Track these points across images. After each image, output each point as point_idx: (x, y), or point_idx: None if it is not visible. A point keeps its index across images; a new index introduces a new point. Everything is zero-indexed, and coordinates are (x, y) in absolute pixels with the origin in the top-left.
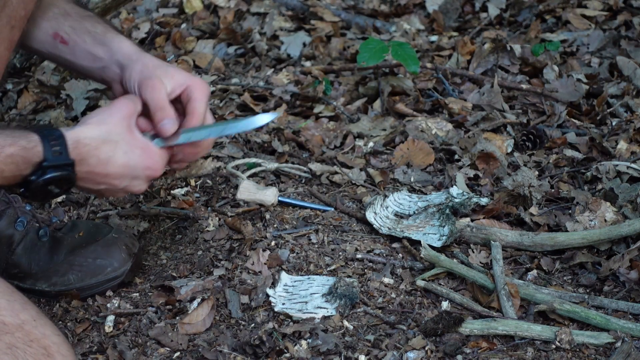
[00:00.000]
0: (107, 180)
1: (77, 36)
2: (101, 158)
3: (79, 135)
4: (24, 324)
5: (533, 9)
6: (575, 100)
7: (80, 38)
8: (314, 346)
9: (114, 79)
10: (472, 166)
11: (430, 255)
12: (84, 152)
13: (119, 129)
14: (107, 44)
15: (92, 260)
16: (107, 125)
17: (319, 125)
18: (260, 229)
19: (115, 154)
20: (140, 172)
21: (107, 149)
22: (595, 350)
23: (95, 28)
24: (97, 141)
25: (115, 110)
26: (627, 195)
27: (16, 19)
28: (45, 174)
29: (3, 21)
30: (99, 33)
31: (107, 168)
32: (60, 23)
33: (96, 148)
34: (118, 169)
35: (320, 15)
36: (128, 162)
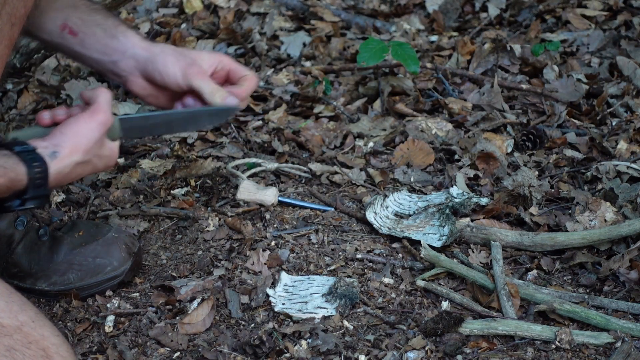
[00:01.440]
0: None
1: (87, 28)
2: (72, 176)
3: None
4: (22, 325)
5: (533, 9)
6: (575, 100)
7: (90, 30)
8: (314, 346)
9: (130, 72)
10: (472, 166)
11: (430, 255)
12: (60, 178)
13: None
14: (118, 37)
15: (91, 259)
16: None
17: (319, 125)
18: (260, 229)
19: (87, 169)
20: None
21: (80, 170)
22: (595, 350)
23: (106, 21)
24: (74, 166)
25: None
26: (627, 195)
27: (16, 16)
28: (24, 204)
29: (3, 19)
30: (110, 26)
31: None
32: (69, 14)
33: (71, 171)
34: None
35: (320, 15)
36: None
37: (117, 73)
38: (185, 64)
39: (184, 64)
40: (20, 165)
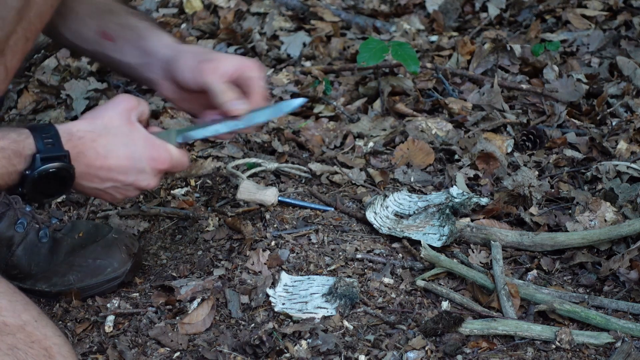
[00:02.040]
0: (112, 175)
1: (123, 33)
2: (99, 151)
3: (71, 128)
4: (25, 324)
5: (533, 9)
6: (575, 100)
7: (126, 34)
8: (314, 346)
9: (159, 75)
10: (472, 166)
11: (430, 255)
12: (79, 145)
13: (116, 122)
14: (149, 39)
15: (92, 260)
16: (101, 119)
17: (319, 125)
18: (260, 229)
19: (115, 146)
20: (145, 164)
21: (104, 142)
22: (595, 350)
23: (139, 23)
24: (93, 134)
25: (111, 105)
26: (627, 195)
27: (32, 31)
28: (40, 166)
29: (19, 34)
30: (142, 28)
31: (108, 161)
32: (107, 20)
33: (93, 140)
34: (121, 162)
35: (320, 15)
36: (130, 153)
37: (149, 78)
38: (199, 61)
39: (198, 60)
40: (23, 128)
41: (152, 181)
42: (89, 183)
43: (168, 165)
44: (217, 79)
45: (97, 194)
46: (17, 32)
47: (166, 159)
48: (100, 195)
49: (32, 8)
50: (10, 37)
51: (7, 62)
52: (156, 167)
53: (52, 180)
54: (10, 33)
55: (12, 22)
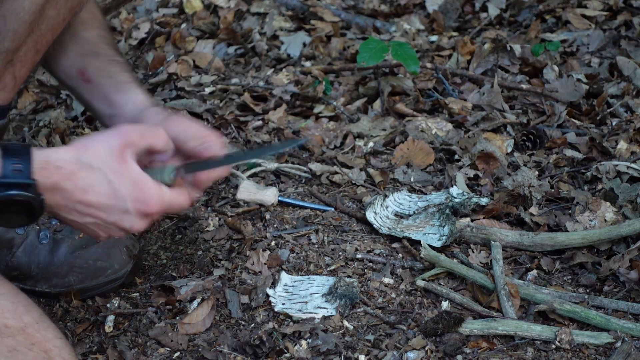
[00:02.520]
0: (91, 211)
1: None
2: (78, 184)
3: (50, 155)
4: (26, 326)
5: (533, 9)
6: (575, 100)
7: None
8: (314, 346)
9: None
10: (472, 166)
11: (430, 255)
12: (55, 175)
13: (104, 156)
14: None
15: (92, 262)
16: (88, 151)
17: (319, 125)
18: (260, 229)
19: (97, 181)
20: (129, 205)
21: (85, 175)
22: (595, 350)
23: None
24: (74, 166)
25: (104, 137)
26: (627, 195)
27: (42, 43)
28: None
29: (29, 45)
30: (121, 82)
31: (88, 197)
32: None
33: (72, 173)
34: (101, 199)
35: (320, 15)
36: (113, 192)
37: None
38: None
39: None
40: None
41: (137, 224)
42: (67, 215)
43: (157, 208)
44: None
45: (79, 227)
46: (27, 43)
47: (155, 203)
48: (82, 230)
49: (44, 21)
50: (20, 49)
51: (15, 72)
52: (142, 209)
53: (14, 207)
54: (21, 44)
55: (23, 34)
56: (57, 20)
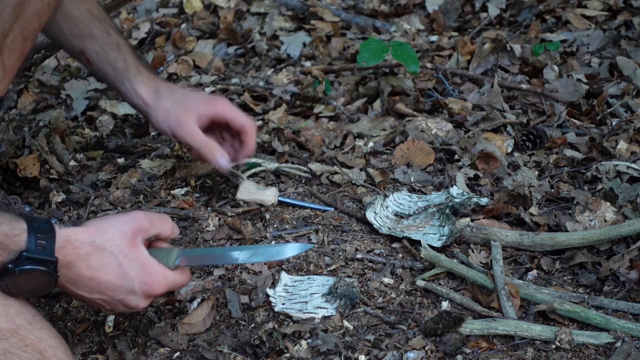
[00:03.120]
0: (101, 289)
1: (101, 64)
2: (92, 265)
3: (70, 235)
4: (19, 328)
5: (533, 9)
6: (575, 100)
7: (103, 67)
8: (314, 346)
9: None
10: (472, 166)
11: (430, 255)
12: (73, 255)
13: (117, 241)
14: (125, 83)
15: None
16: (104, 235)
17: (319, 125)
18: (260, 229)
19: (108, 263)
20: (136, 286)
21: (98, 257)
22: (595, 350)
23: (117, 62)
24: (90, 247)
25: (119, 222)
26: (627, 195)
27: (29, 30)
28: (23, 264)
29: (16, 32)
30: (120, 70)
31: (98, 276)
32: (87, 44)
33: (87, 254)
34: (111, 279)
35: (320, 15)
36: (122, 273)
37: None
38: (175, 123)
39: (173, 121)
40: (21, 221)
41: (141, 303)
42: (77, 290)
43: (161, 290)
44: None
45: (85, 300)
46: (14, 30)
47: (159, 285)
48: (88, 303)
49: (28, 6)
50: (8, 35)
51: (5, 61)
52: (147, 291)
53: (32, 280)
54: (7, 31)
55: (9, 19)
56: (42, 5)
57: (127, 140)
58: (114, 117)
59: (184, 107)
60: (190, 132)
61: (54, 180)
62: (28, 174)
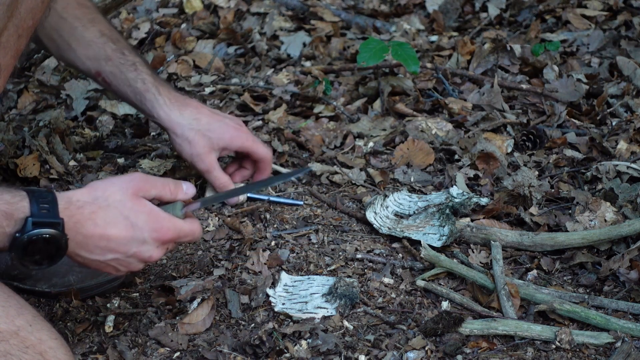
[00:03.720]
0: (112, 246)
1: (119, 85)
2: (98, 222)
3: (71, 197)
4: (19, 330)
5: (533, 9)
6: (575, 100)
7: (122, 88)
8: (314, 346)
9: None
10: (472, 166)
11: (430, 255)
12: (77, 215)
13: (119, 197)
14: (145, 103)
15: None
16: (106, 192)
17: (319, 125)
18: (260, 229)
19: (115, 217)
20: (146, 235)
21: (103, 214)
22: (595, 350)
23: (136, 83)
24: (93, 205)
25: (118, 181)
26: (627, 195)
27: (23, 28)
28: (31, 230)
29: (10, 30)
30: (139, 90)
31: (108, 232)
32: (103, 66)
33: (92, 212)
34: (120, 232)
35: (320, 15)
36: (131, 225)
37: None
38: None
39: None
40: (20, 191)
41: (155, 252)
42: (89, 254)
43: (172, 235)
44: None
45: (99, 266)
46: (8, 28)
47: (169, 230)
48: (103, 268)
49: (22, 4)
50: (2, 34)
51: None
52: (159, 238)
53: (42, 246)
54: (2, 30)
55: (2, 17)
56: (36, 2)
57: (127, 140)
58: (114, 117)
59: (208, 141)
60: (209, 169)
61: (54, 180)
62: (28, 174)
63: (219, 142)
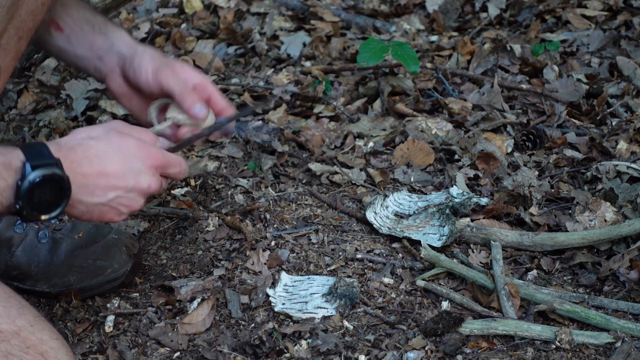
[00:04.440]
0: (111, 182)
1: (75, 24)
2: (92, 160)
3: (59, 142)
4: (20, 330)
5: (533, 9)
6: (575, 100)
7: (78, 26)
8: (314, 346)
9: (112, 69)
10: (472, 166)
11: (430, 255)
12: (71, 155)
13: (103, 134)
14: (107, 34)
15: (92, 261)
16: (90, 133)
17: (319, 125)
18: (261, 229)
19: (107, 152)
20: (140, 163)
21: (95, 150)
22: (595, 350)
23: (94, 18)
24: (82, 146)
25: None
26: (627, 195)
27: (24, 30)
28: (31, 173)
29: (10, 32)
30: (99, 23)
31: (105, 167)
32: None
33: (84, 150)
34: (116, 166)
35: (320, 15)
36: (124, 156)
37: (99, 69)
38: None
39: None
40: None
41: (153, 181)
42: (91, 197)
43: (163, 160)
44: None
45: (103, 211)
46: (8, 30)
47: (159, 154)
48: (106, 214)
49: (23, 6)
50: (2, 36)
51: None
52: (152, 164)
53: (47, 188)
54: (2, 32)
55: (3, 20)
56: (36, 4)
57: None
58: (114, 117)
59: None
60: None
61: None
62: None
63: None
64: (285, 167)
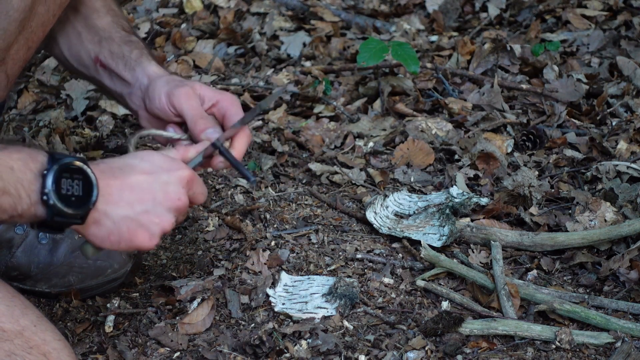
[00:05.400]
0: (137, 195)
1: (113, 60)
2: (116, 174)
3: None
4: (23, 330)
5: (533, 9)
6: (575, 100)
7: (115, 62)
8: (314, 346)
9: (139, 106)
10: (472, 166)
11: (430, 255)
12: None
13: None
14: (135, 68)
15: (92, 261)
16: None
17: (319, 125)
18: (261, 229)
19: (128, 165)
20: (166, 175)
21: (119, 164)
22: (595, 350)
23: (131, 53)
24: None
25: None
26: (627, 195)
27: (34, 40)
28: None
29: (20, 43)
30: (133, 58)
31: (129, 179)
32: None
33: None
34: (140, 177)
35: (320, 15)
36: (148, 168)
37: (132, 108)
38: (173, 87)
39: (172, 86)
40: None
41: (182, 194)
42: (116, 208)
43: (190, 174)
44: (192, 105)
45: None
46: (18, 41)
47: (183, 167)
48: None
49: (34, 18)
50: (12, 47)
51: (7, 70)
52: (180, 176)
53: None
54: (12, 43)
55: (14, 32)
56: (47, 16)
57: (127, 140)
58: (114, 117)
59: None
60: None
61: None
62: None
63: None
64: (285, 167)
